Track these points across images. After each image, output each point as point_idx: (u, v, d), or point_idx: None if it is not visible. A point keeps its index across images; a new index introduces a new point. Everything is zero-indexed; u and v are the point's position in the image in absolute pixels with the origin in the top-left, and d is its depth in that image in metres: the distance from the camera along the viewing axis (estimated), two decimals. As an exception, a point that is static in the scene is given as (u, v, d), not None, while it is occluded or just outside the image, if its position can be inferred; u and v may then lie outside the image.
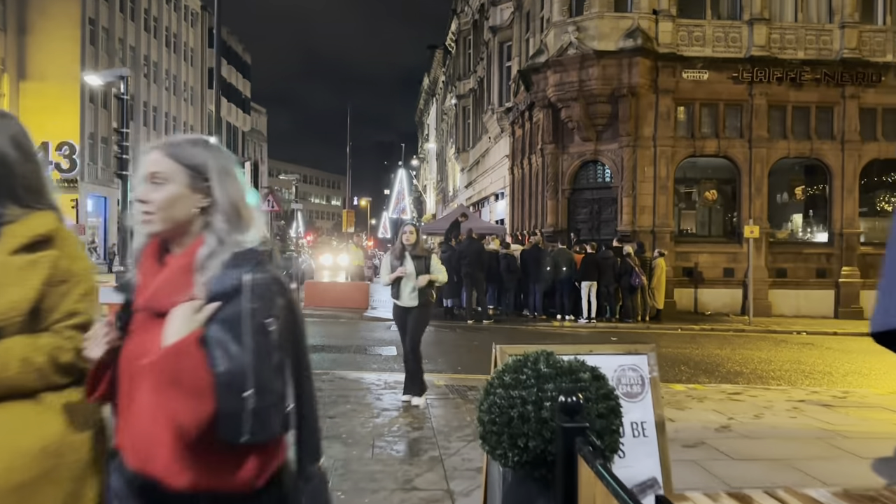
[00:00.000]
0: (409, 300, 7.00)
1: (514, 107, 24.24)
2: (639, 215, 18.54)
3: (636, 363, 3.13)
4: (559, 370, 2.49)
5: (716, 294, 18.83)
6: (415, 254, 6.97)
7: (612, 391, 2.53)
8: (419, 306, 7.02)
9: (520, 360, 2.59)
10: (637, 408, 3.08)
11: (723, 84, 18.77)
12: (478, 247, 16.27)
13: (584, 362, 2.58)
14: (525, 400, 2.42)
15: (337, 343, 11.91)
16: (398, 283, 7.00)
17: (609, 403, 2.48)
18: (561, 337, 14.01)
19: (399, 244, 7.07)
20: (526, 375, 2.48)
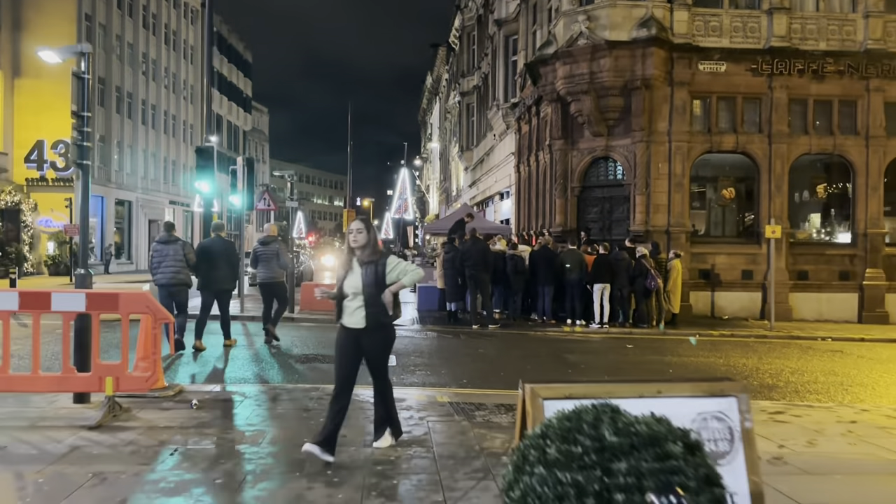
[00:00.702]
0: (354, 319, 5.20)
1: (521, 102, 23.31)
2: (653, 214, 17.60)
3: (722, 410, 2.22)
4: (635, 439, 1.57)
5: (734, 297, 17.88)
6: (364, 259, 5.23)
7: (714, 472, 1.61)
8: (372, 329, 5.17)
9: (569, 420, 1.67)
10: (724, 473, 2.16)
11: (741, 76, 17.82)
12: (482, 247, 15.35)
13: (669, 424, 1.65)
14: (583, 489, 1.50)
15: (331, 352, 10.94)
16: (339, 299, 5.30)
17: (713, 493, 1.56)
18: (574, 344, 13.08)
19: (346, 247, 5.37)
20: (582, 447, 1.58)
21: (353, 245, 5.25)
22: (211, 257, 10.77)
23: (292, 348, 11.38)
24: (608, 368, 10.20)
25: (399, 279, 5.20)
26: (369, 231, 5.27)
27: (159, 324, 6.16)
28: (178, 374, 8.91)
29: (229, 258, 11.02)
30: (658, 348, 12.71)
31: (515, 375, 9.39)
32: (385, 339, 5.37)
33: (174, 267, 10.40)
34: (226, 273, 10.93)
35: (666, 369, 10.27)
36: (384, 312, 5.18)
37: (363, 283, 5.14)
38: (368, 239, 5.24)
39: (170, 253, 10.44)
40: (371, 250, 5.23)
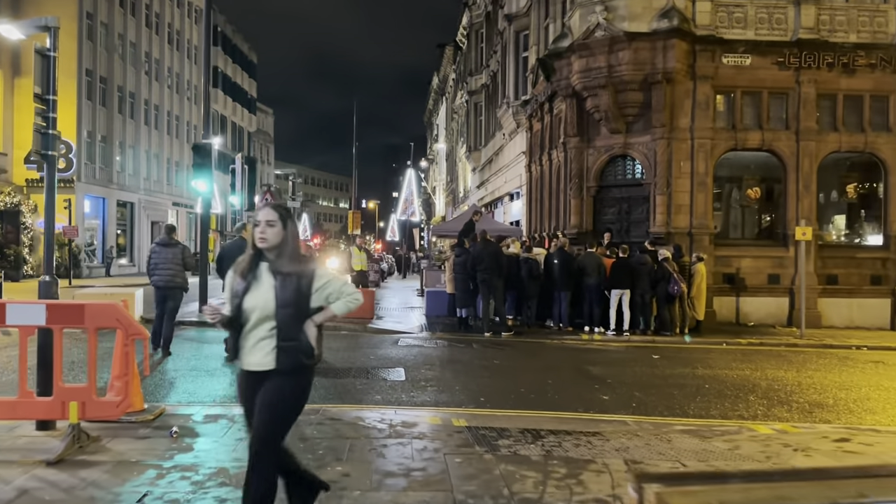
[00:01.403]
0: (258, 357, 3.51)
1: (532, 99, 22.41)
2: (674, 215, 16.67)
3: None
4: None
5: (760, 303, 16.93)
6: (280, 266, 3.56)
7: None
8: (285, 372, 3.49)
9: None
10: None
11: (767, 70, 16.88)
12: (494, 250, 14.45)
13: None
14: None
15: (334, 364, 10.11)
16: (236, 326, 3.59)
17: None
18: (595, 355, 12.17)
19: (250, 247, 3.66)
20: None
21: (260, 244, 3.55)
22: (228, 259, 10.24)
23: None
24: (638, 383, 9.29)
25: (329, 304, 3.59)
26: (286, 225, 3.56)
27: (132, 339, 5.30)
28: (163, 390, 8.05)
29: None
30: (686, 359, 11.79)
31: (537, 391, 8.51)
32: (299, 389, 3.58)
33: (171, 270, 10.39)
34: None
35: (702, 385, 9.36)
36: (306, 350, 3.49)
37: (276, 301, 3.48)
38: (284, 237, 3.55)
39: (168, 256, 10.46)
40: (290, 255, 3.57)
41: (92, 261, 40.37)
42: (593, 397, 8.26)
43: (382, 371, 9.61)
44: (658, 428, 6.66)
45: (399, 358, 10.87)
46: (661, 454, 5.59)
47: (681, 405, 8.03)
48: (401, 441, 5.65)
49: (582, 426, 6.56)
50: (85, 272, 38.27)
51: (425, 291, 18.07)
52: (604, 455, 5.46)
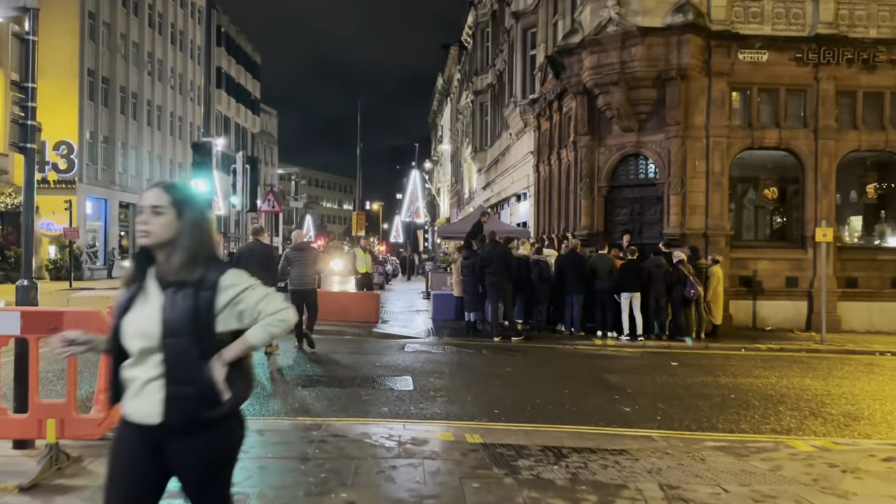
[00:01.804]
0: (144, 405, 2.48)
1: (541, 97, 21.91)
2: (689, 216, 16.14)
3: None
4: None
5: (777, 307, 16.39)
6: (167, 275, 2.52)
7: None
8: (180, 429, 2.46)
9: None
10: None
11: (784, 66, 16.35)
12: (503, 252, 13.94)
13: None
14: None
15: (338, 372, 9.62)
16: (116, 358, 2.55)
17: None
18: (610, 361, 11.66)
19: (137, 252, 2.61)
20: None
21: (142, 240, 2.52)
22: (251, 262, 10.36)
23: (293, 367, 10.02)
24: (659, 393, 8.78)
25: (247, 327, 2.51)
26: (181, 213, 2.50)
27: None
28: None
29: (268, 262, 10.69)
30: (706, 366, 11.27)
31: (554, 402, 8.00)
32: (215, 449, 2.52)
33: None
34: (265, 278, 10.13)
35: (727, 395, 8.84)
36: (208, 398, 2.43)
37: (163, 326, 2.43)
38: (178, 231, 2.49)
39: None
40: (185, 257, 2.48)
41: (94, 262, 39.99)
42: (614, 409, 7.75)
43: (389, 379, 9.11)
44: (688, 444, 6.15)
45: (406, 365, 10.37)
46: (697, 476, 5.08)
47: (708, 418, 7.52)
48: (411, 462, 5.14)
49: (606, 442, 6.06)
50: (87, 274, 37.89)
51: (431, 294, 17.58)
52: (635, 478, 4.95)
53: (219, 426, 2.49)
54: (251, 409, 7.26)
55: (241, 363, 2.53)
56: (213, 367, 2.44)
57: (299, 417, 6.79)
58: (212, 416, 2.44)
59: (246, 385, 2.59)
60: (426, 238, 76.40)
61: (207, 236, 2.57)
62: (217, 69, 58.65)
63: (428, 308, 19.78)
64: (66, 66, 37.63)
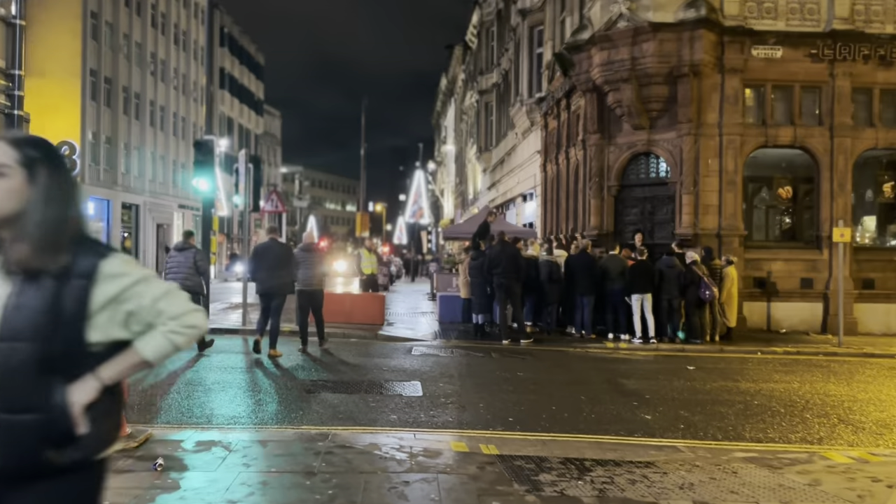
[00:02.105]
0: None
1: (548, 96, 21.55)
2: (702, 216, 15.77)
3: None
4: None
5: (792, 309, 16.00)
6: (12, 261, 1.81)
7: None
8: (17, 475, 1.77)
9: None
10: None
11: (799, 63, 15.98)
12: (512, 252, 13.59)
13: None
14: None
15: (343, 377, 9.27)
16: None
17: None
18: (625, 365, 11.29)
19: None
20: None
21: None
22: (267, 260, 10.59)
23: (297, 370, 9.68)
24: (680, 400, 8.41)
25: (136, 334, 1.86)
26: (34, 175, 1.83)
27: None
28: (153, 409, 7.22)
29: (286, 261, 10.73)
30: (723, 370, 10.90)
31: (570, 409, 7.63)
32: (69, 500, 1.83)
33: (183, 274, 10.33)
34: (282, 276, 10.65)
35: (749, 401, 8.47)
36: (60, 430, 1.77)
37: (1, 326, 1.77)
38: (32, 198, 1.83)
39: (181, 260, 10.44)
40: (41, 232, 1.81)
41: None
42: (634, 417, 7.38)
43: (397, 385, 8.75)
44: (716, 455, 5.79)
45: (414, 369, 10.02)
46: (733, 492, 4.72)
47: (734, 426, 7.15)
48: (425, 477, 4.78)
49: (630, 454, 5.70)
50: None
51: (438, 296, 17.23)
52: (668, 495, 4.58)
53: (70, 476, 1.79)
54: (254, 417, 6.91)
55: (115, 390, 1.85)
56: (75, 390, 1.76)
57: (304, 426, 6.43)
58: (60, 460, 1.75)
59: (114, 423, 1.89)
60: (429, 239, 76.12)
61: (72, 208, 1.88)
62: (220, 70, 58.47)
63: (434, 310, 19.43)
64: (68, 65, 37.37)
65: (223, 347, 11.54)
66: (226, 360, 10.45)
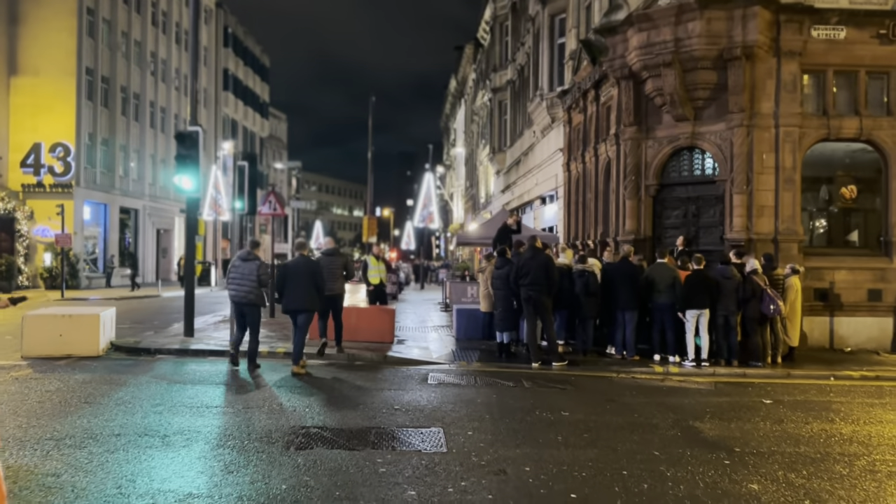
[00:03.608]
0: None
1: (574, 87, 19.66)
2: (756, 219, 13.84)
3: None
4: None
5: (858, 324, 14.04)
6: None
7: None
8: None
9: None
10: None
11: (865, 45, 14.05)
12: (544, 260, 11.69)
13: None
14: None
15: (346, 420, 7.36)
16: None
17: None
18: (686, 399, 9.36)
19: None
20: None
21: None
22: (293, 277, 10.50)
23: (287, 410, 7.79)
24: (779, 455, 6.48)
25: None
26: None
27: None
28: (80, 477, 5.34)
29: (313, 278, 10.52)
30: (807, 405, 8.96)
31: (649, 475, 5.48)
32: None
33: (247, 286, 10.47)
34: (307, 294, 10.48)
35: (869, 454, 6.54)
36: None
37: None
38: None
39: (245, 271, 10.53)
40: None
41: (93, 271, 38.00)
42: (738, 489, 5.44)
43: (413, 433, 6.84)
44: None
45: (433, 407, 8.12)
46: None
47: (875, 498, 5.23)
48: None
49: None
50: (84, 283, 35.88)
51: (454, 309, 15.33)
52: None
53: None
54: (216, 496, 5.01)
55: None
56: None
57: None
58: None
59: None
60: (437, 245, 74.22)
61: None
62: (224, 70, 56.86)
63: (448, 323, 17.55)
64: (62, 64, 35.78)
65: (202, 375, 9.69)
66: (201, 394, 8.57)
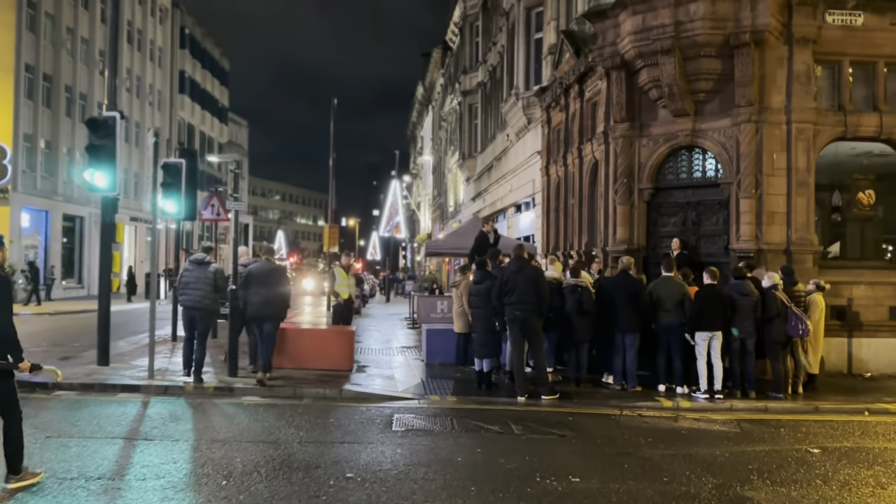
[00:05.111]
0: None
1: (553, 83, 17.93)
2: (766, 226, 12.19)
3: None
4: None
5: (879, 346, 12.43)
6: None
7: None
8: None
9: None
10: None
11: (884, 33, 12.56)
12: (532, 275, 9.84)
13: None
14: None
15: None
16: None
17: None
18: (709, 444, 7.54)
19: None
20: None
21: None
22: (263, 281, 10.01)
23: (191, 485, 5.75)
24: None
25: None
26: None
27: None
28: None
29: (276, 283, 10.10)
30: (860, 454, 7.22)
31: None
32: None
33: (202, 291, 9.91)
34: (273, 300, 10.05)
35: None
36: None
37: None
38: None
39: (200, 275, 9.96)
40: None
41: (28, 284, 35.18)
42: None
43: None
44: None
45: (399, 474, 6.11)
46: None
47: None
48: None
49: None
50: (20, 296, 33.09)
51: (424, 330, 13.34)
52: None
53: None
54: None
55: None
56: None
57: None
58: None
59: None
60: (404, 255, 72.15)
61: None
62: (180, 73, 54.30)
63: (416, 343, 15.59)
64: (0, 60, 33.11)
65: (99, 424, 7.55)
66: (83, 455, 6.47)
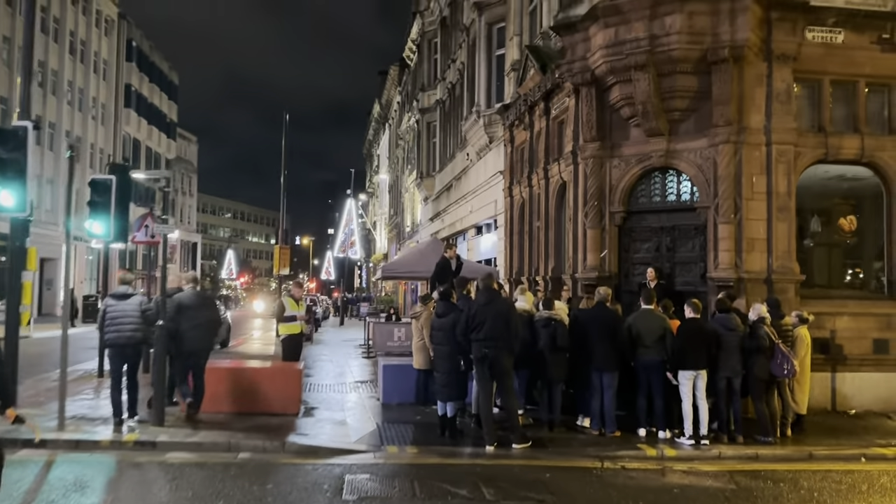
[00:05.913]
0: None
1: (517, 101, 17.10)
2: (746, 253, 11.44)
3: None
4: None
5: (863, 381, 11.73)
6: None
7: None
8: None
9: None
10: None
11: (865, 51, 12.02)
12: (503, 308, 8.84)
13: None
14: None
15: None
16: None
17: None
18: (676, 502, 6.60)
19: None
20: None
21: None
22: (189, 314, 9.63)
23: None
24: None
25: None
26: None
27: None
28: None
29: (212, 313, 10.03)
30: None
31: None
32: None
33: (133, 325, 9.24)
34: (210, 332, 10.02)
35: None
36: None
37: None
38: None
39: (126, 309, 9.29)
40: None
41: (-46, 306, 32.84)
42: None
43: None
44: None
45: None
46: None
47: None
48: None
49: None
50: (-56, 320, 30.78)
51: (380, 366, 12.17)
52: None
53: None
54: None
55: None
56: None
57: None
58: None
59: None
60: (360, 275, 70.67)
61: None
62: (126, 86, 52.31)
63: (371, 377, 14.44)
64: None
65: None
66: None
